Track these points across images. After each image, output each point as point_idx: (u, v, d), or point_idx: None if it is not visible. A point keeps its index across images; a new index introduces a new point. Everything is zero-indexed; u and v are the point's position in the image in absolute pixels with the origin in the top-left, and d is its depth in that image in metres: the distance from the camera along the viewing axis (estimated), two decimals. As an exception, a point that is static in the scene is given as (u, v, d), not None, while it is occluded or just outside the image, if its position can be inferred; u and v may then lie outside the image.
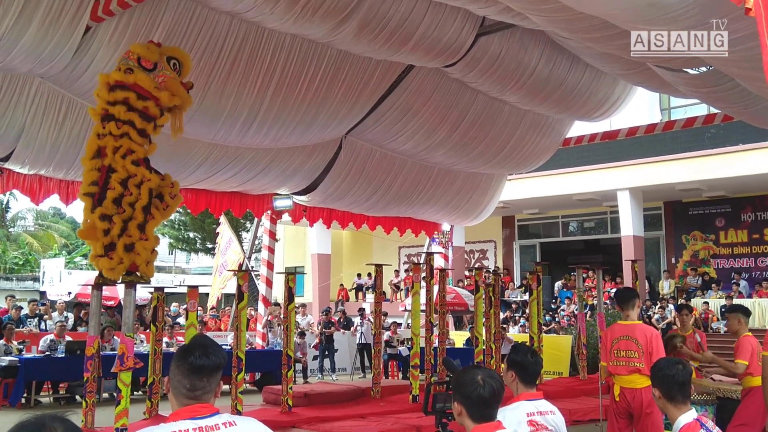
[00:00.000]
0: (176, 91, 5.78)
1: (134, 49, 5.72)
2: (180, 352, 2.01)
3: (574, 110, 11.52)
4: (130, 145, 5.60)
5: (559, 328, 16.47)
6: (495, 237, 23.05)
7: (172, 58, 5.85)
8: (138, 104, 5.61)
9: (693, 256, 19.52)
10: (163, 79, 5.73)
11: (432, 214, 14.20)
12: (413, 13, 8.07)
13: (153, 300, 8.37)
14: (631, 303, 5.39)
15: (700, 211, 19.48)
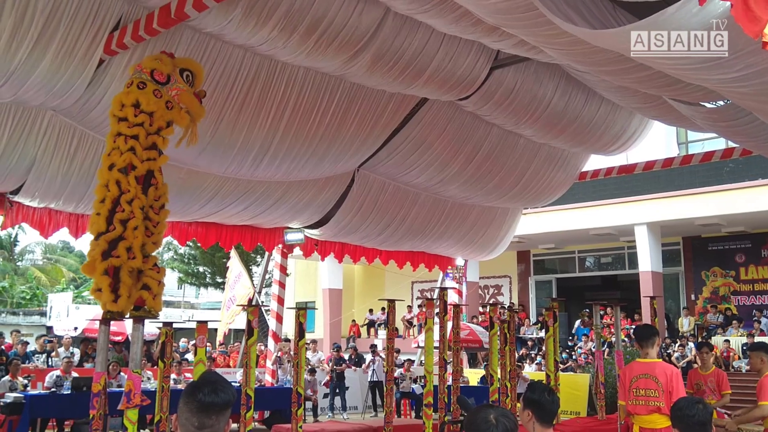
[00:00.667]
0: (189, 104, 5.75)
1: (146, 63, 5.72)
2: (188, 389, 2.00)
3: (590, 144, 11.51)
4: (132, 159, 5.52)
5: (576, 366, 16.39)
6: (510, 272, 23.03)
7: (185, 70, 5.81)
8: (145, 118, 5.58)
9: (713, 293, 19.38)
10: (176, 93, 5.67)
11: (446, 249, 14.13)
12: (427, 46, 8.11)
13: (161, 335, 8.33)
14: (651, 341, 5.36)
15: (720, 246, 19.36)
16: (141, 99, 5.50)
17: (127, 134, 5.52)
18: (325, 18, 7.11)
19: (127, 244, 5.40)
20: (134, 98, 5.52)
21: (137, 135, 5.49)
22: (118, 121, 5.54)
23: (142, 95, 5.51)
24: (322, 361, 16.00)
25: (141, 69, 5.68)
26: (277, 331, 13.00)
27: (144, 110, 5.50)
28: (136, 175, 5.50)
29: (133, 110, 5.52)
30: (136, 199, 5.47)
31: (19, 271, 36.78)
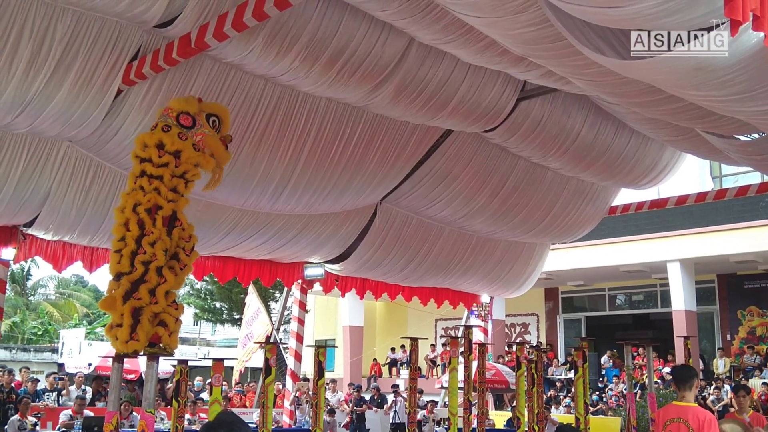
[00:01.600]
0: (215, 148, 5.70)
1: (173, 105, 5.73)
2: (204, 429, 2.00)
3: (620, 177, 11.44)
4: (157, 199, 5.47)
5: (606, 408, 16.26)
6: (537, 310, 22.95)
7: (211, 115, 5.81)
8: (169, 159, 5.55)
9: (750, 333, 19.21)
10: (201, 138, 5.62)
11: (471, 285, 14.04)
12: (452, 77, 8.11)
13: (176, 373, 8.21)
14: (689, 383, 5.26)
15: (757, 284, 19.18)
16: (165, 140, 5.51)
17: (152, 174, 5.50)
18: (348, 48, 7.14)
19: (149, 287, 5.34)
20: (158, 139, 5.53)
21: (162, 175, 5.46)
22: (141, 162, 5.53)
23: (167, 137, 5.52)
24: (342, 401, 15.90)
25: (167, 113, 5.67)
26: (295, 370, 12.82)
27: (168, 151, 5.50)
28: (163, 216, 5.46)
29: (157, 151, 5.50)
30: (160, 241, 5.41)
31: (31, 306, 36.93)
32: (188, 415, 10.48)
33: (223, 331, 36.47)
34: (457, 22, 6.31)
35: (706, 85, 4.49)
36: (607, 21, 4.27)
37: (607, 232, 17.64)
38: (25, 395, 11.41)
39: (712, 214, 17.48)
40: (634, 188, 12.40)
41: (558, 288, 22.43)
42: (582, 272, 19.91)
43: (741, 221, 16.99)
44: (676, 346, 16.31)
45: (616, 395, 16.95)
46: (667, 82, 4.88)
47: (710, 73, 4.31)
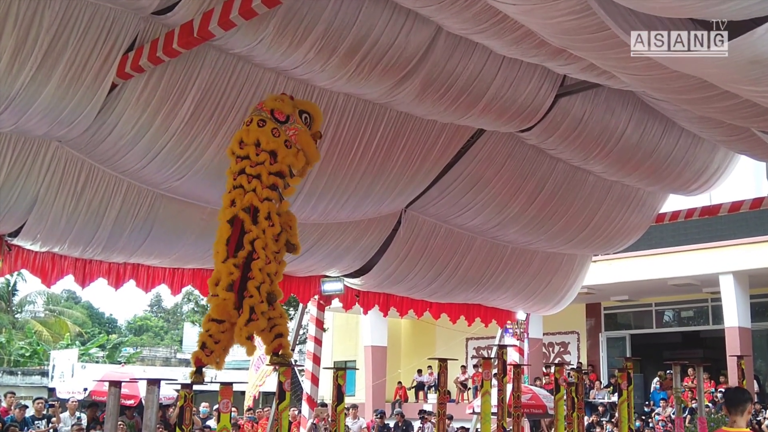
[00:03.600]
0: (306, 145, 6.24)
1: (267, 103, 6.23)
2: None
3: (668, 182, 11.25)
4: (254, 200, 5.99)
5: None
6: (578, 328, 23.12)
7: (303, 112, 6.32)
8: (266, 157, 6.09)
9: None
10: (294, 132, 6.16)
11: (505, 301, 13.82)
12: (484, 70, 7.94)
13: (179, 399, 8.02)
14: (742, 407, 5.35)
15: None
16: (261, 138, 6.05)
17: (250, 173, 6.04)
18: (368, 38, 6.98)
19: (256, 284, 5.96)
20: (255, 137, 6.06)
21: (260, 174, 6.03)
22: (239, 159, 6.10)
23: (262, 134, 6.06)
24: (363, 429, 15.83)
25: (261, 108, 6.22)
26: (312, 395, 12.75)
27: (264, 149, 6.05)
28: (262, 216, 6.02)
29: (254, 149, 6.06)
30: (259, 239, 5.97)
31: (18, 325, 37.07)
32: (195, 445, 10.35)
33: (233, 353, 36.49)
34: (489, 9, 6.19)
35: (764, 79, 4.41)
36: (655, 9, 4.24)
37: (653, 243, 17.64)
38: (12, 423, 11.30)
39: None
40: (683, 194, 12.18)
41: (600, 303, 22.61)
42: (626, 286, 19.97)
43: None
44: (729, 366, 16.37)
45: (663, 420, 17.01)
46: (720, 77, 4.83)
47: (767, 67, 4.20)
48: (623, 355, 19.15)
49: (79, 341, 35.35)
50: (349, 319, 24.01)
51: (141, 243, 8.70)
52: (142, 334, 49.16)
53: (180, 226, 8.78)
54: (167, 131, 7.16)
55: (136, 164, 7.53)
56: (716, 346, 19.42)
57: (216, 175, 7.42)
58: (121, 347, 37.42)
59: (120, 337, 41.66)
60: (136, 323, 51.30)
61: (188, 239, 8.95)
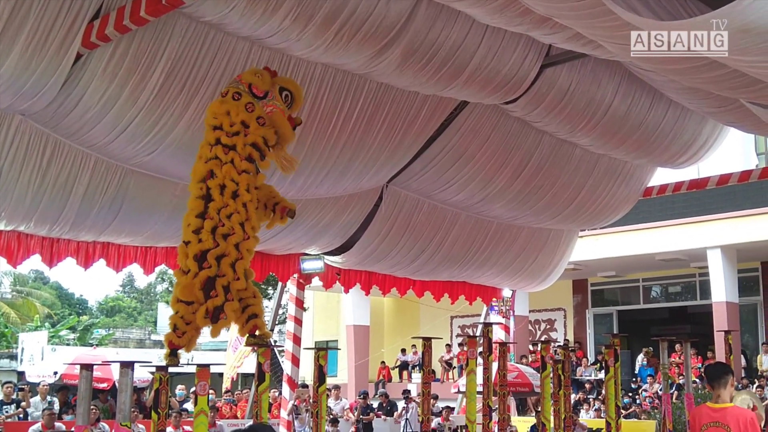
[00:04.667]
0: (280, 125, 6.16)
1: (246, 77, 6.13)
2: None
3: (656, 155, 11.31)
4: (232, 172, 5.91)
5: (640, 411, 16.55)
6: (564, 304, 23.19)
7: (284, 89, 6.23)
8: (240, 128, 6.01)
9: None
10: (271, 110, 6.08)
11: (490, 278, 13.93)
12: (467, 40, 7.89)
13: (154, 382, 8.03)
14: (724, 381, 5.43)
15: None
16: (232, 110, 5.98)
17: (226, 144, 5.97)
18: (346, 6, 6.89)
19: (230, 260, 5.86)
20: (227, 109, 6.00)
21: (235, 145, 5.96)
22: (214, 129, 6.03)
23: (234, 106, 6.00)
24: (346, 409, 15.90)
25: (239, 80, 6.13)
26: (293, 376, 12.81)
27: (235, 121, 5.97)
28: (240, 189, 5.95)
29: (228, 119, 5.99)
30: (236, 214, 5.91)
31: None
32: (170, 428, 10.33)
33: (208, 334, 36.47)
34: (471, -26, 6.11)
35: (753, 49, 4.41)
36: None
37: (641, 217, 17.71)
38: (-20, 408, 11.32)
39: (756, 195, 17.65)
40: (671, 167, 12.28)
41: (587, 280, 22.68)
42: (614, 262, 20.04)
43: None
44: (716, 342, 16.52)
45: (650, 396, 17.32)
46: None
47: (757, 36, 4.19)
48: (610, 332, 19.43)
49: (48, 323, 35.07)
50: (330, 297, 24.01)
51: (111, 221, 8.61)
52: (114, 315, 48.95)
53: (151, 203, 8.71)
54: (136, 104, 7.07)
55: (104, 138, 7.43)
56: (704, 322, 19.70)
57: (189, 150, 7.32)
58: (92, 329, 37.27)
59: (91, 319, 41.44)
60: (107, 304, 51.06)
61: (160, 216, 8.89)
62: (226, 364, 17.05)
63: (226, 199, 5.86)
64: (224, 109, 5.98)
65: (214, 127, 5.99)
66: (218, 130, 5.96)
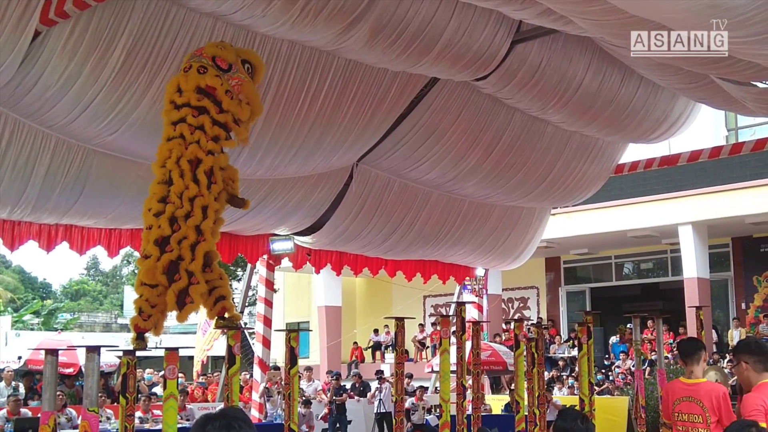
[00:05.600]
0: (250, 96, 6.04)
1: (207, 50, 5.99)
2: (200, 419, 2.17)
3: (628, 131, 11.39)
4: (198, 152, 5.79)
5: (613, 388, 16.72)
6: (537, 282, 23.33)
7: (246, 62, 6.13)
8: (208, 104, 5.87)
9: (766, 301, 19.83)
10: (237, 82, 5.95)
11: (463, 257, 14.01)
12: (436, 15, 7.84)
13: (122, 366, 7.97)
14: (696, 356, 5.44)
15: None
16: (202, 84, 5.81)
17: (192, 123, 5.80)
18: None
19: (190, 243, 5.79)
20: (195, 83, 5.82)
21: (203, 124, 5.82)
22: (178, 108, 5.86)
23: (204, 80, 5.81)
24: (318, 391, 15.93)
25: (201, 54, 5.97)
26: (264, 358, 12.82)
27: (206, 97, 5.82)
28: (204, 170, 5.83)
29: (196, 96, 5.81)
30: (199, 197, 5.80)
31: None
32: (139, 413, 10.36)
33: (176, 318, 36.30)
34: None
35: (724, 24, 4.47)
36: None
37: (613, 194, 17.86)
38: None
39: (726, 171, 17.80)
40: (643, 143, 12.42)
41: (560, 257, 22.81)
42: (586, 239, 20.16)
43: (758, 178, 17.41)
44: (688, 318, 16.69)
45: (623, 373, 17.43)
46: (679, 22, 4.88)
47: (726, 12, 4.25)
48: (583, 309, 19.44)
49: (11, 308, 34.66)
50: (301, 278, 23.94)
51: (73, 202, 8.52)
52: (79, 299, 48.43)
53: (115, 184, 8.63)
54: (97, 82, 6.96)
55: (65, 118, 7.33)
56: (675, 298, 19.83)
57: (152, 129, 7.23)
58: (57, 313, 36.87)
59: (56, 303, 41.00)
60: (72, 288, 50.46)
61: (124, 198, 8.81)
62: (195, 347, 16.98)
63: (187, 182, 5.74)
64: (192, 84, 5.82)
65: (179, 104, 5.85)
66: (184, 107, 5.82)
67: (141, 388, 13.13)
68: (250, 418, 10.54)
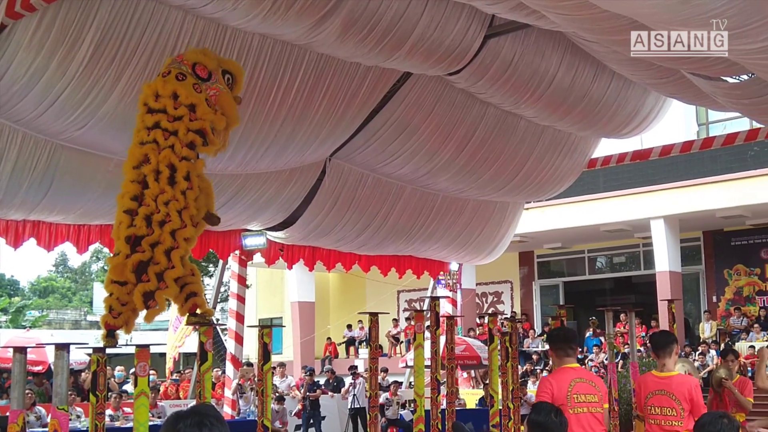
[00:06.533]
0: (227, 107, 6.07)
1: (189, 56, 5.99)
2: (171, 417, 2.15)
3: (600, 126, 11.43)
4: (171, 157, 5.77)
5: None
6: (511, 277, 23.46)
7: (227, 72, 6.15)
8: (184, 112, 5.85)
9: (736, 294, 20.12)
10: (215, 93, 5.98)
11: (436, 252, 14.02)
12: (409, 9, 7.83)
13: (92, 363, 7.92)
14: (669, 349, 5.50)
15: (744, 241, 20.08)
16: (180, 91, 5.80)
17: (167, 129, 5.77)
18: None
19: (165, 248, 5.77)
20: (172, 89, 5.81)
21: (177, 131, 5.78)
22: (153, 113, 5.82)
23: (181, 87, 5.81)
24: (292, 387, 15.92)
25: (181, 60, 5.96)
26: (236, 354, 12.81)
27: (183, 103, 5.78)
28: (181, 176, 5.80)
29: (172, 102, 5.79)
30: (174, 202, 5.77)
31: None
32: (110, 411, 10.30)
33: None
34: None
35: (694, 20, 4.52)
36: None
37: (586, 189, 18.14)
38: None
39: (697, 165, 18.17)
40: (615, 137, 12.48)
41: (533, 252, 22.95)
42: (559, 233, 20.31)
43: (728, 172, 17.67)
44: (660, 311, 16.93)
45: (596, 366, 17.56)
46: (651, 17, 4.93)
47: (697, 7, 4.30)
48: (557, 303, 19.83)
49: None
50: (274, 274, 23.89)
51: (41, 198, 8.41)
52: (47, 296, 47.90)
53: (84, 180, 8.52)
54: (65, 76, 6.87)
55: (32, 112, 7.22)
56: (648, 291, 20.04)
57: (121, 123, 7.18)
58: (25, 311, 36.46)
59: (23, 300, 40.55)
60: (40, 284, 49.88)
61: (93, 193, 8.71)
62: (167, 344, 16.88)
63: (163, 185, 5.70)
64: (169, 90, 5.78)
65: (154, 109, 5.80)
66: (159, 113, 5.77)
67: (111, 386, 13.04)
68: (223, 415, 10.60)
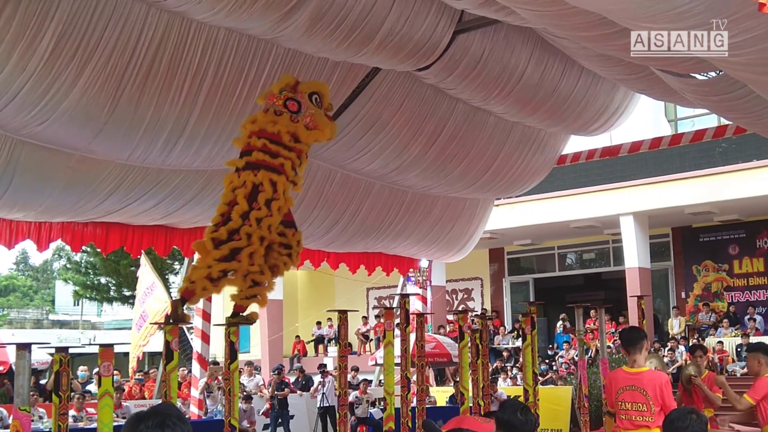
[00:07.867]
0: (323, 125, 6.93)
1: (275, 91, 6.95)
2: (132, 419, 2.12)
3: (569, 122, 11.56)
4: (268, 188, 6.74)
5: (557, 377, 17.13)
6: (481, 273, 23.54)
7: (313, 94, 6.97)
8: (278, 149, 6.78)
9: (705, 290, 20.39)
10: (310, 119, 6.83)
11: (406, 249, 14.04)
12: (377, 4, 7.84)
13: (54, 363, 7.86)
14: (639, 345, 5.59)
15: (712, 237, 20.35)
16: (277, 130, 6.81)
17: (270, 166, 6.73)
18: None
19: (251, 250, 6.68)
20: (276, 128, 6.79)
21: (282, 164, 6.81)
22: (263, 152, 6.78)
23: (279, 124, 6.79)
24: (260, 386, 15.87)
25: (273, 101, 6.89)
26: (203, 353, 12.85)
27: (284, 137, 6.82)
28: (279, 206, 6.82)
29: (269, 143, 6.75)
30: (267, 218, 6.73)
31: None
32: (73, 412, 10.25)
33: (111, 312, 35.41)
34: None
35: (662, 16, 4.60)
36: None
37: (556, 185, 18.19)
38: None
39: (666, 162, 18.33)
40: (584, 134, 12.58)
41: (503, 248, 23.04)
42: (529, 230, 20.40)
43: (697, 169, 17.96)
44: (630, 307, 17.05)
45: (566, 362, 17.86)
46: (619, 13, 5.00)
47: (665, 3, 4.38)
48: (527, 300, 19.81)
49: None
50: (242, 272, 23.74)
51: (1, 195, 8.30)
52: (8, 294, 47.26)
53: (45, 176, 8.42)
54: (25, 70, 6.78)
55: (-9, 108, 7.14)
56: (617, 287, 20.24)
57: (83, 119, 7.13)
58: (-16, 310, 35.98)
59: (-17, 299, 40.01)
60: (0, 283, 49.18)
61: (54, 190, 8.61)
62: (131, 343, 16.73)
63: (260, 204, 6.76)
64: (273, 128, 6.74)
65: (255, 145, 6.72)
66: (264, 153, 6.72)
67: (74, 386, 12.91)
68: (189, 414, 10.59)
